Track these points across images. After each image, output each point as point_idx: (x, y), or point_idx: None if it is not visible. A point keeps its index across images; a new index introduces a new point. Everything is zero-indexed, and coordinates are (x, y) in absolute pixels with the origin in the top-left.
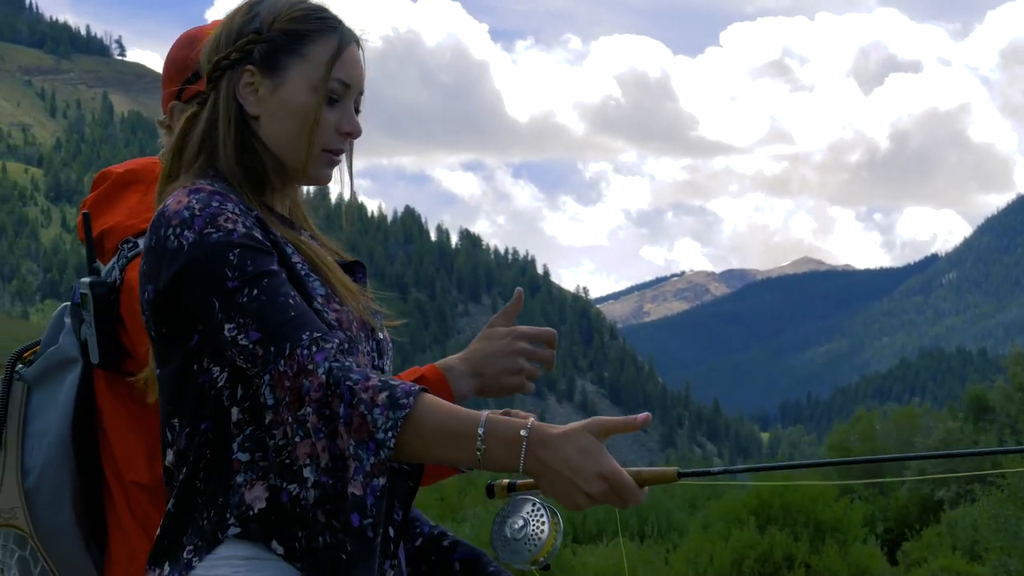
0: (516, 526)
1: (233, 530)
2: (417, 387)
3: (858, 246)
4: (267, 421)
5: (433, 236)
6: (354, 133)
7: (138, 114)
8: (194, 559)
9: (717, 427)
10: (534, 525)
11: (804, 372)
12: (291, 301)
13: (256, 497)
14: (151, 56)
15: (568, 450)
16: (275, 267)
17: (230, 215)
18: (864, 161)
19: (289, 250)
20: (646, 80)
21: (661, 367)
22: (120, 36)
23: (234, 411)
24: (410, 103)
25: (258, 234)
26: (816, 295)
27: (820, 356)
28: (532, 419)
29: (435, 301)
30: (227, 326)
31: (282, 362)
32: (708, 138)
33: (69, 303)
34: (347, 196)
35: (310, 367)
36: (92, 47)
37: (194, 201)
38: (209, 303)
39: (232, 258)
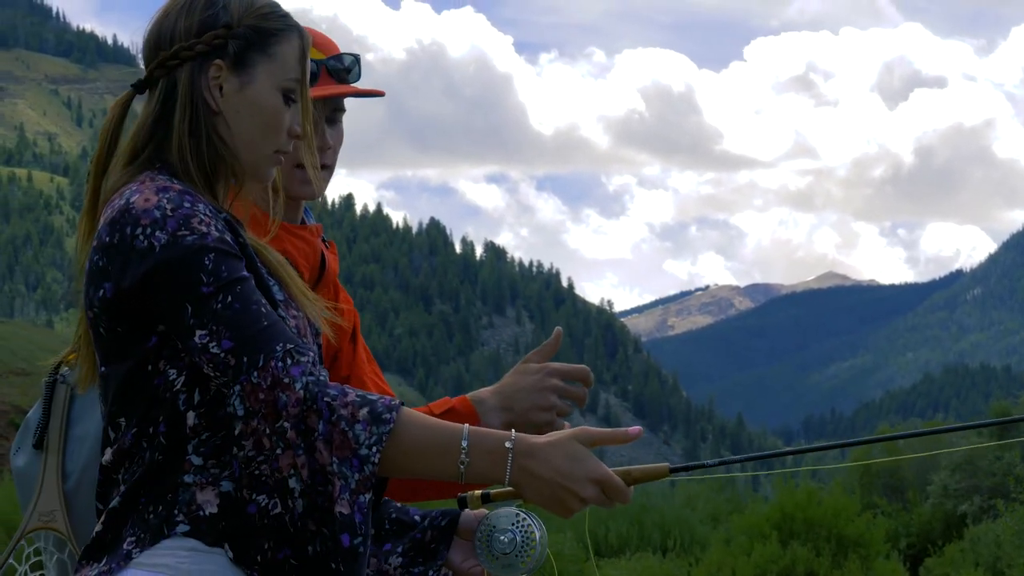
0: (504, 539)
1: (182, 527)
2: (397, 401)
3: (882, 261)
4: (236, 432)
5: (458, 248)
6: (301, 136)
7: None
8: (135, 550)
9: (741, 441)
10: (522, 535)
11: (828, 387)
12: (263, 310)
13: (207, 500)
14: None
15: (557, 458)
16: (246, 273)
17: (203, 217)
18: (888, 176)
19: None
20: (670, 94)
21: (685, 381)
22: None
23: (190, 415)
24: (434, 115)
25: (229, 238)
26: (841, 310)
27: (844, 371)
28: (513, 431)
29: (459, 313)
30: (199, 332)
31: (255, 373)
32: (732, 152)
33: None
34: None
35: (286, 380)
36: (119, 56)
37: (164, 200)
38: (180, 307)
39: (207, 263)
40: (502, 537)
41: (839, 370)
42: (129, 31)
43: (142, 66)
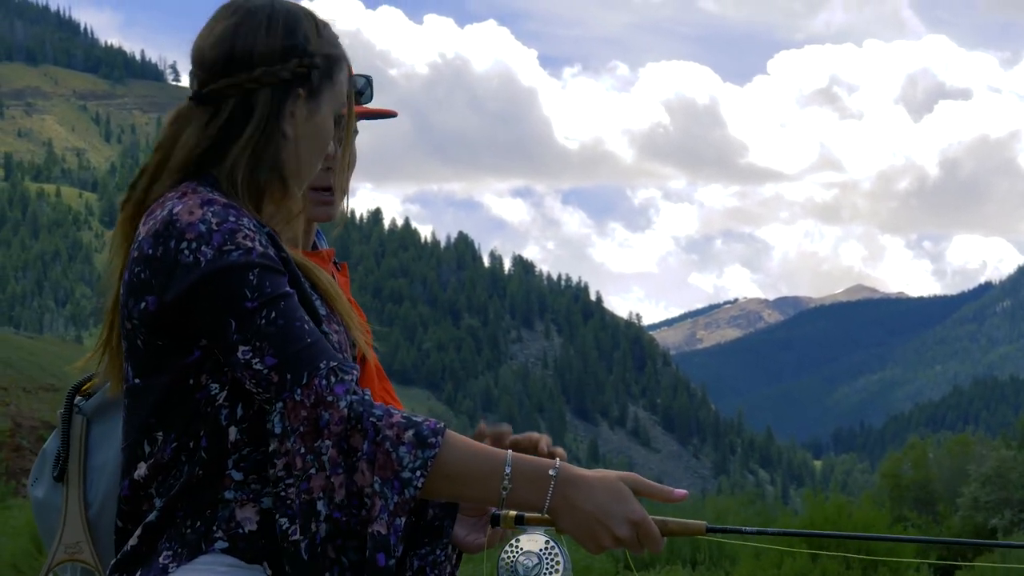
0: (529, 563)
1: (220, 544)
2: (442, 424)
3: (908, 274)
4: (271, 450)
5: (486, 262)
6: (341, 160)
7: None
8: (171, 564)
9: (770, 454)
10: (548, 564)
11: (857, 400)
12: (307, 327)
13: (247, 517)
14: None
15: (600, 493)
16: (289, 288)
17: (247, 231)
18: (913, 189)
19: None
20: (694, 107)
21: (714, 394)
22: (175, 61)
23: (232, 430)
24: (459, 129)
25: (272, 253)
26: (869, 323)
27: (873, 384)
28: (557, 459)
29: (488, 327)
30: (242, 348)
31: (299, 391)
32: (758, 165)
33: None
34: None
35: (329, 399)
36: (147, 72)
37: (209, 214)
38: (224, 323)
39: (252, 278)
40: (526, 561)
41: (868, 383)
42: (157, 47)
43: (183, 78)
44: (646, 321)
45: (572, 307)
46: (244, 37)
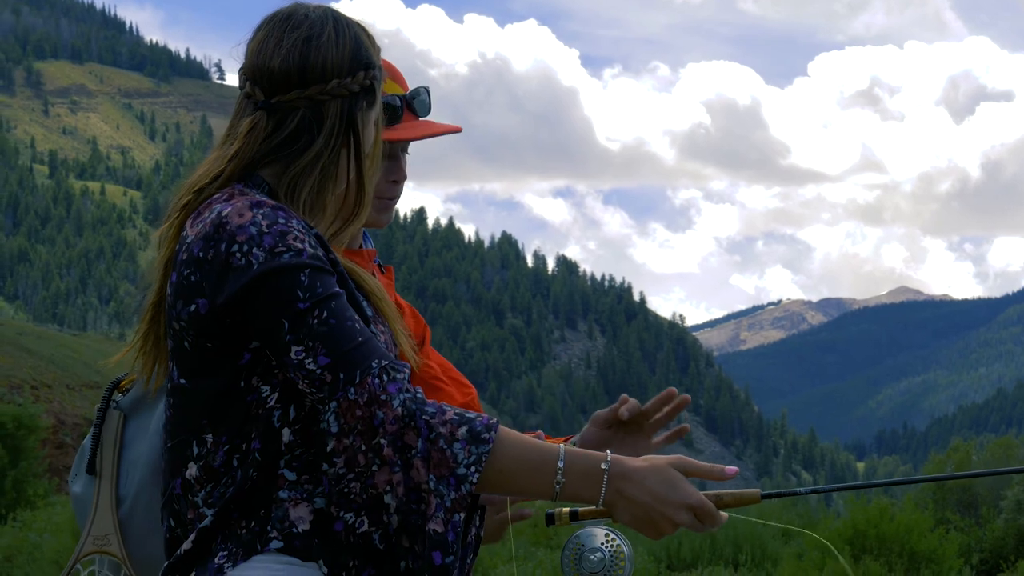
0: (594, 558)
1: (275, 543)
2: (495, 420)
3: (950, 276)
4: (328, 448)
5: (530, 262)
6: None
7: None
8: (226, 564)
9: (813, 456)
10: (612, 554)
11: (900, 402)
12: (358, 326)
13: (300, 517)
14: None
15: (653, 482)
16: (339, 288)
17: (297, 233)
18: (955, 191)
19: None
20: (735, 107)
21: (757, 395)
22: (220, 60)
23: (285, 432)
24: (500, 129)
25: (322, 254)
26: (913, 325)
27: (917, 386)
28: (608, 452)
29: (531, 327)
30: (295, 348)
31: (352, 390)
32: (800, 166)
33: None
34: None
35: (383, 397)
36: (191, 70)
37: (260, 216)
38: (277, 324)
39: (303, 279)
40: (592, 556)
41: (911, 385)
42: (200, 45)
43: (228, 77)
44: (689, 322)
45: (615, 307)
46: (317, 50)
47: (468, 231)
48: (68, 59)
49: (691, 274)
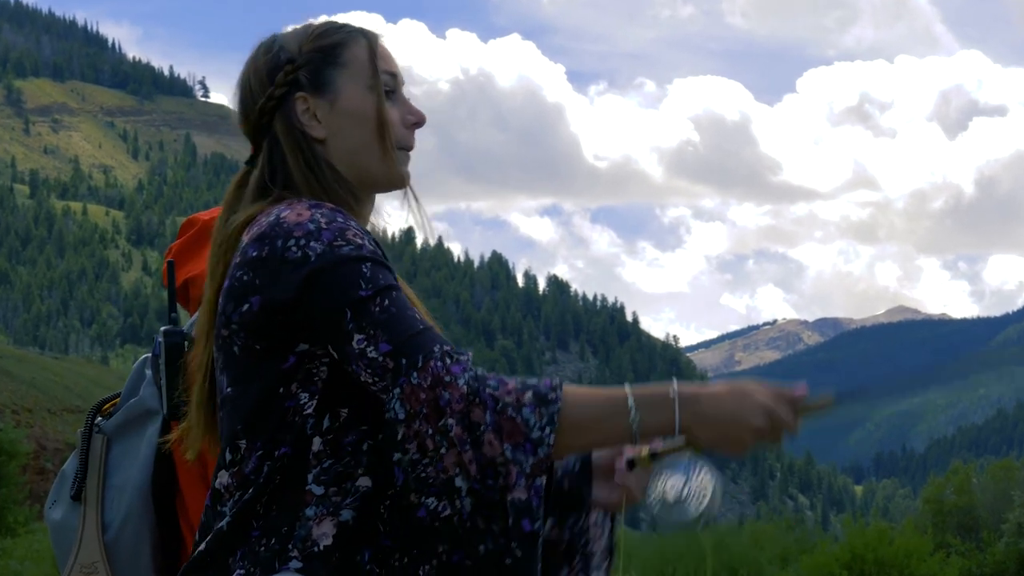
0: (677, 486)
1: (295, 564)
2: (557, 379)
3: (946, 295)
4: (398, 436)
5: (520, 282)
6: (420, 121)
7: (221, 156)
8: None
9: (810, 479)
10: (697, 479)
11: (899, 423)
12: (417, 315)
13: (323, 533)
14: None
15: (723, 396)
16: (397, 283)
17: (356, 231)
18: (948, 208)
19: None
20: (724, 123)
21: None
22: (204, 77)
23: (316, 441)
24: (484, 147)
25: (380, 252)
26: (911, 344)
27: (915, 407)
28: (674, 379)
29: (522, 348)
30: (357, 336)
31: (415, 375)
32: (791, 183)
33: (150, 354)
34: (426, 235)
35: (447, 379)
36: (175, 88)
37: (318, 215)
38: (339, 313)
39: (365, 270)
40: (675, 484)
41: (910, 406)
42: (183, 62)
43: (212, 94)
44: (682, 343)
45: (608, 328)
46: (245, 80)
47: (457, 251)
48: (49, 77)
49: (681, 293)
